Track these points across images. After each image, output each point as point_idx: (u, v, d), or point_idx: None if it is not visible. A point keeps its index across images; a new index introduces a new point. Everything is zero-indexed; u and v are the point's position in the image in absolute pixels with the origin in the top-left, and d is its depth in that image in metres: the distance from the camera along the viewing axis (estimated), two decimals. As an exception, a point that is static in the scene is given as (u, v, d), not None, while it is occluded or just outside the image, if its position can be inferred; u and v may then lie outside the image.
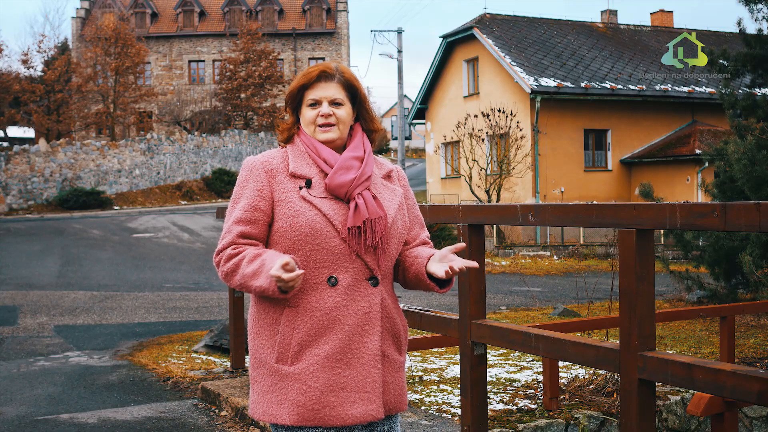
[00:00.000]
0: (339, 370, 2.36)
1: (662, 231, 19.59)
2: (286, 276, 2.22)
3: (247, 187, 2.44)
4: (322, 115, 2.47)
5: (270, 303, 2.42)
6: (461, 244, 2.41)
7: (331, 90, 2.48)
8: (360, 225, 2.38)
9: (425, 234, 2.65)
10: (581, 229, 21.89)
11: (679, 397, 5.68)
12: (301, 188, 2.41)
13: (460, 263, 2.39)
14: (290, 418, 2.35)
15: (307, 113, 2.49)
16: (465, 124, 24.33)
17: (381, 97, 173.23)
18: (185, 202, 35.24)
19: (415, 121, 31.80)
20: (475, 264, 2.42)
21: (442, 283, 2.49)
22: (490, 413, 4.97)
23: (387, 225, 2.44)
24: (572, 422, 4.95)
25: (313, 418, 2.35)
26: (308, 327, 2.36)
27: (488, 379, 5.75)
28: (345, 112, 2.49)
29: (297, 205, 2.38)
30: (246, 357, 6.60)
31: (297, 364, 2.36)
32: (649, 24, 32.86)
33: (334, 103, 2.48)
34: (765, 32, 10.58)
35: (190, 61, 48.98)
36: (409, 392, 5.56)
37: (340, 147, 2.51)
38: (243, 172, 2.48)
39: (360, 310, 2.40)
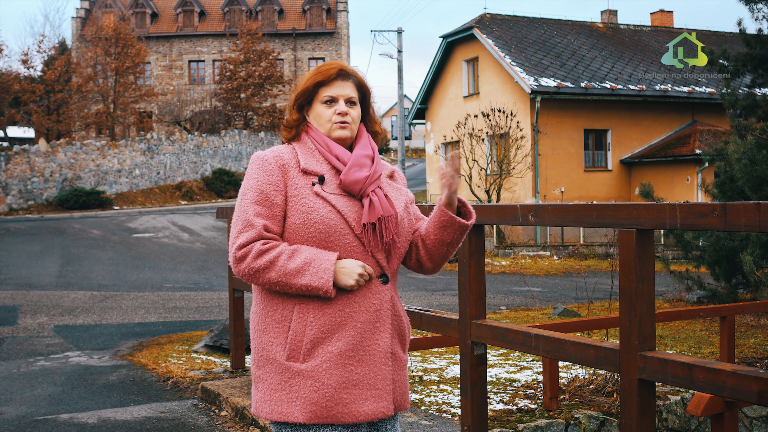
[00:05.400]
0: (351, 367, 2.36)
1: (662, 231, 19.58)
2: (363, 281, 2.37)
3: (261, 180, 2.40)
4: (339, 113, 2.47)
5: (280, 299, 2.39)
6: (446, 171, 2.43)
7: (347, 89, 2.50)
8: (375, 222, 2.39)
9: None
10: (581, 229, 21.88)
11: (679, 397, 5.68)
12: (314, 184, 2.40)
13: (446, 171, 2.41)
14: (303, 416, 2.33)
15: (323, 110, 2.49)
16: (465, 124, 24.33)
17: (381, 97, 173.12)
18: (185, 202, 35.23)
19: (415, 121, 31.79)
20: (453, 162, 2.42)
21: (464, 216, 2.52)
22: (490, 413, 4.97)
23: (398, 223, 2.46)
24: (572, 422, 4.95)
25: (326, 415, 2.33)
26: (321, 324, 2.35)
27: (488, 379, 5.76)
28: (357, 112, 2.52)
29: (311, 201, 2.37)
30: (246, 357, 6.59)
31: (309, 362, 2.34)
32: (649, 24, 32.84)
33: (350, 102, 2.50)
34: (765, 32, 10.58)
35: (190, 61, 49.00)
36: (409, 392, 5.56)
37: (347, 146, 2.52)
38: (254, 166, 2.45)
39: (371, 307, 2.40)
